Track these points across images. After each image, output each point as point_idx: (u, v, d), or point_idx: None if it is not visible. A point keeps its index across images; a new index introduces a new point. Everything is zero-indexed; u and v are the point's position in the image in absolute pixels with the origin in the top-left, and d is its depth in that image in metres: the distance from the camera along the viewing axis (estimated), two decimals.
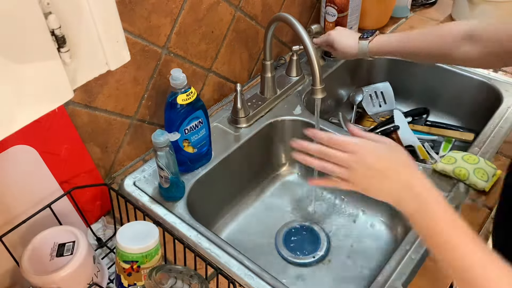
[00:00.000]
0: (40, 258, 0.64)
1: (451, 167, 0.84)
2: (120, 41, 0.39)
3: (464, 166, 0.84)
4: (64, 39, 0.35)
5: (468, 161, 0.85)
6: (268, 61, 0.99)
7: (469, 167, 0.84)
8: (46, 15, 0.33)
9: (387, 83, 1.24)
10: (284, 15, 0.87)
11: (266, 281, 0.71)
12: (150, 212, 0.82)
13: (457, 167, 0.84)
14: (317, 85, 0.82)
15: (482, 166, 0.84)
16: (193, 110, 0.82)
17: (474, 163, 0.85)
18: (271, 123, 1.02)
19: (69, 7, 0.34)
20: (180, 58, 0.92)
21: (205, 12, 0.92)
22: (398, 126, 1.11)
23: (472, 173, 0.83)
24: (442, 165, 0.85)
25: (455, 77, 1.15)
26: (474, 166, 0.84)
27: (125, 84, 0.83)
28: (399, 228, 0.96)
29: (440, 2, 1.44)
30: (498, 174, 0.85)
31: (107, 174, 0.90)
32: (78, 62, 0.37)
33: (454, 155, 0.87)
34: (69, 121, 0.74)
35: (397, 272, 0.71)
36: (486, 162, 0.85)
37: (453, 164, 0.85)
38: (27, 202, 0.71)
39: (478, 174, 0.83)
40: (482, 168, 0.84)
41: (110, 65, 0.40)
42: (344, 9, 1.10)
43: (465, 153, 0.88)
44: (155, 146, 0.75)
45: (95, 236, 0.79)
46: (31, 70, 0.34)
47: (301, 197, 1.05)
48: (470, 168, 0.83)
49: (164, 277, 0.61)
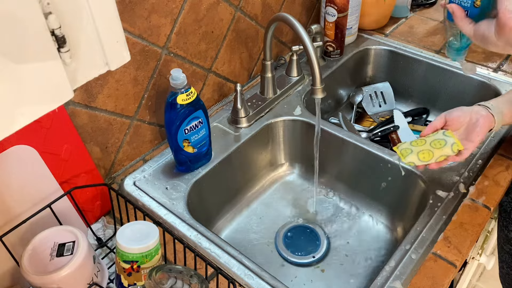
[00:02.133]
0: (40, 258, 0.64)
1: (414, 156, 0.77)
2: (120, 41, 0.39)
3: (422, 149, 0.77)
4: (64, 39, 0.35)
5: (415, 144, 0.78)
6: (268, 61, 0.99)
7: (425, 147, 0.77)
8: (46, 15, 0.33)
9: (387, 83, 1.24)
10: (284, 15, 0.87)
11: (266, 281, 0.71)
12: (150, 212, 0.82)
13: (419, 152, 0.77)
14: (317, 85, 0.82)
15: (427, 147, 0.77)
16: (193, 110, 0.82)
17: (422, 144, 0.78)
18: (271, 123, 1.02)
19: (69, 7, 0.34)
20: (180, 58, 0.92)
21: (205, 12, 0.92)
22: (398, 126, 1.11)
23: (434, 149, 0.76)
24: (408, 158, 0.77)
25: (455, 77, 1.15)
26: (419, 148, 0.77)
27: (125, 84, 0.84)
28: (399, 228, 0.96)
29: (440, 2, 1.44)
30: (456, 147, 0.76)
31: (107, 174, 0.90)
32: (78, 62, 0.37)
33: (403, 146, 0.79)
34: (69, 121, 0.74)
35: (397, 272, 0.71)
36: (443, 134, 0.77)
37: (412, 152, 0.77)
38: (27, 202, 0.71)
39: (436, 146, 0.76)
40: (435, 139, 0.77)
41: (110, 65, 0.40)
42: (344, 9, 1.10)
43: (409, 142, 0.80)
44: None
45: (95, 236, 0.79)
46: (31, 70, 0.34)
47: (301, 197, 1.05)
48: (427, 147, 0.76)
49: (164, 277, 0.61)
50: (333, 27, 1.13)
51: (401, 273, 0.71)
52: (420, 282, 0.71)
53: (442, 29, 1.30)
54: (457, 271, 0.74)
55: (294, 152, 1.08)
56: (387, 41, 1.25)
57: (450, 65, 1.15)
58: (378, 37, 1.27)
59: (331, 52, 1.18)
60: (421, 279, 0.71)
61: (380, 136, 1.11)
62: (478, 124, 0.76)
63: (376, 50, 1.25)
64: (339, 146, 0.98)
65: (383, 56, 1.25)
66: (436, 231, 0.77)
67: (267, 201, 1.05)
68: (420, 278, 0.71)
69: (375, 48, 1.25)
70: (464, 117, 0.78)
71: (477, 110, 0.78)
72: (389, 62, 1.25)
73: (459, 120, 0.78)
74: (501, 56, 1.18)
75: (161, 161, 0.92)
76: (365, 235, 0.96)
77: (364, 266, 0.90)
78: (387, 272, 0.72)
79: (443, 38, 1.26)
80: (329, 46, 1.17)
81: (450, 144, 0.75)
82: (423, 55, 1.19)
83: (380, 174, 0.94)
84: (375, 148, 0.93)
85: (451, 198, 0.83)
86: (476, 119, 0.77)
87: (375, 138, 1.11)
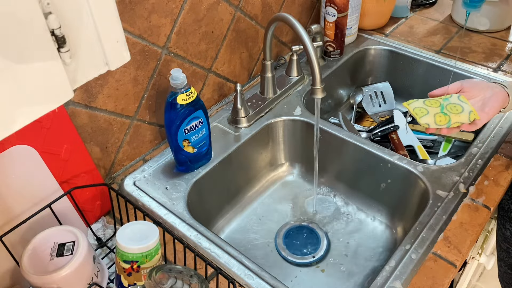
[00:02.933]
0: (40, 258, 0.64)
1: (431, 117, 0.75)
2: (120, 41, 0.39)
3: (438, 111, 0.74)
4: (64, 39, 0.35)
5: (429, 104, 0.76)
6: (268, 61, 0.99)
7: (441, 109, 0.75)
8: (46, 15, 0.33)
9: (387, 83, 1.24)
10: (284, 15, 0.87)
11: (266, 281, 0.71)
12: (150, 212, 0.82)
13: (435, 114, 0.75)
14: (317, 85, 0.82)
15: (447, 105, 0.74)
16: (193, 110, 0.82)
17: (436, 105, 0.76)
18: (271, 123, 1.02)
19: (69, 7, 0.34)
20: (180, 58, 0.92)
21: (205, 12, 0.92)
22: (398, 126, 1.11)
23: (450, 113, 0.73)
24: (423, 119, 0.76)
25: (455, 77, 1.15)
26: (436, 109, 0.75)
27: (125, 84, 0.84)
28: (399, 228, 0.96)
29: (440, 2, 1.44)
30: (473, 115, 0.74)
31: (107, 174, 0.90)
32: (78, 62, 0.37)
33: (416, 104, 0.77)
34: (69, 121, 0.74)
35: (397, 272, 0.71)
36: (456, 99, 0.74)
37: (429, 113, 0.75)
38: (27, 202, 0.71)
39: (453, 111, 0.74)
40: (451, 103, 0.74)
41: (110, 65, 0.40)
42: (344, 9, 1.10)
43: (421, 100, 0.77)
44: None
45: (95, 236, 0.79)
46: (31, 70, 0.34)
47: (301, 197, 1.05)
48: (443, 110, 0.74)
49: (164, 277, 0.61)
50: (333, 27, 1.13)
51: (401, 273, 0.71)
52: (420, 282, 0.71)
53: (442, 29, 1.30)
54: (457, 271, 0.74)
55: (294, 152, 1.09)
56: (387, 41, 1.25)
57: (450, 65, 1.15)
58: (378, 37, 1.27)
59: (331, 52, 1.18)
60: (421, 279, 0.71)
61: (380, 136, 1.11)
62: (492, 98, 0.76)
63: (376, 50, 1.25)
64: (339, 146, 0.99)
65: (383, 56, 1.25)
66: (436, 231, 0.77)
67: (267, 201, 1.05)
68: (420, 278, 0.71)
69: (375, 48, 1.25)
70: (480, 87, 0.78)
71: (493, 85, 0.79)
72: (389, 62, 1.25)
73: (475, 89, 0.77)
74: (501, 56, 1.18)
75: (161, 161, 0.92)
76: (365, 235, 0.96)
77: (364, 266, 0.90)
78: (387, 272, 0.72)
79: (443, 38, 1.26)
80: (329, 46, 1.17)
81: (468, 111, 0.73)
82: (423, 55, 1.19)
83: (380, 174, 0.94)
84: (375, 148, 0.93)
85: (451, 198, 0.83)
86: (491, 93, 0.77)
87: (375, 138, 1.11)
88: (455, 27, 1.31)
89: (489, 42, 1.23)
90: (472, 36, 1.26)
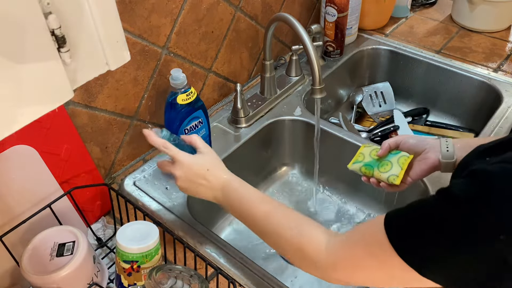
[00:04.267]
0: (40, 258, 0.64)
1: (359, 165, 0.77)
2: (120, 41, 0.39)
3: (370, 163, 0.76)
4: (64, 39, 0.35)
5: (373, 155, 0.76)
6: (268, 61, 0.99)
7: (374, 162, 0.75)
8: (46, 15, 0.33)
9: (387, 83, 1.24)
10: (284, 15, 0.87)
11: (266, 281, 0.71)
12: (150, 212, 0.82)
13: (364, 165, 0.76)
14: (317, 85, 0.82)
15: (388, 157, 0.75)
16: (193, 110, 0.82)
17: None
18: (271, 123, 1.02)
19: (69, 7, 0.34)
20: (180, 58, 0.92)
21: (205, 12, 0.92)
22: (398, 126, 1.11)
23: (377, 168, 0.74)
24: (353, 166, 0.78)
25: (455, 77, 1.15)
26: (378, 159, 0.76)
27: (125, 84, 0.83)
28: None
29: (440, 2, 1.44)
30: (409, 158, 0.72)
31: (107, 174, 0.90)
32: (78, 62, 0.37)
33: (364, 150, 0.79)
34: (69, 121, 0.74)
35: None
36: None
37: (362, 161, 0.77)
38: (27, 202, 0.71)
39: (382, 167, 0.74)
40: (387, 160, 0.74)
41: (110, 65, 0.40)
42: (344, 9, 1.10)
43: (374, 147, 0.78)
44: None
45: (95, 236, 0.79)
46: (31, 70, 0.34)
47: (301, 197, 1.05)
48: (375, 163, 0.75)
49: (164, 277, 0.61)
50: (333, 27, 1.13)
51: None
52: None
53: (442, 29, 1.30)
54: None
55: (294, 152, 1.08)
56: (387, 41, 1.25)
57: (450, 65, 1.15)
58: (378, 37, 1.27)
59: (331, 52, 1.18)
60: None
61: (380, 136, 1.11)
62: (421, 163, 0.71)
63: (376, 50, 1.25)
64: (339, 146, 0.98)
65: (383, 56, 1.25)
66: None
67: None
68: None
69: (375, 48, 1.25)
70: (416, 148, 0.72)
71: (429, 148, 0.71)
72: (389, 62, 1.25)
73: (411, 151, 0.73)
74: (501, 56, 1.18)
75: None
76: None
77: None
78: None
79: (443, 38, 1.26)
80: (329, 46, 1.17)
81: (390, 174, 0.72)
82: (423, 55, 1.19)
83: None
84: None
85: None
86: (423, 157, 0.71)
87: (375, 138, 1.11)
88: (455, 27, 1.31)
89: (489, 42, 1.23)
90: (472, 36, 1.26)
